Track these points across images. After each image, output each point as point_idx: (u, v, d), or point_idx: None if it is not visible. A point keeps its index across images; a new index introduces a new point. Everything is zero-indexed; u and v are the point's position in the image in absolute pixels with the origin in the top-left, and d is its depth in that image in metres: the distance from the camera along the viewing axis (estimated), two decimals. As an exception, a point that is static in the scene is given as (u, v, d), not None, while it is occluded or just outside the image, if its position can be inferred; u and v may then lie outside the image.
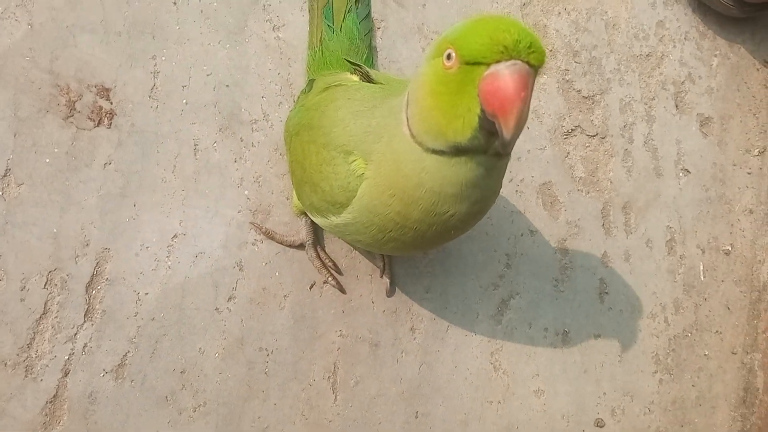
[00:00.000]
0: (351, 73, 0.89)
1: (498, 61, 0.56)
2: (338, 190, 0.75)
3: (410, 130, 0.66)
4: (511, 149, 0.64)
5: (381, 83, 0.84)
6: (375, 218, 0.73)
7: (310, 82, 0.94)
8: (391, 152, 0.69)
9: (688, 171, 1.29)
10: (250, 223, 1.00)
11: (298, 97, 0.98)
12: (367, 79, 0.85)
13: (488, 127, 0.58)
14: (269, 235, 1.00)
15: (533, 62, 0.57)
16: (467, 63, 0.57)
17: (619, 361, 1.18)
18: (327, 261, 1.02)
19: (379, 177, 0.70)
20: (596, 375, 1.16)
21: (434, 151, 0.64)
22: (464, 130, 0.60)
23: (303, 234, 1.00)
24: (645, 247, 1.24)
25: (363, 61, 0.99)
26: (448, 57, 0.59)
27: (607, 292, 1.20)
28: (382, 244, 0.78)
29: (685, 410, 1.21)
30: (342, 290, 1.03)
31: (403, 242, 0.75)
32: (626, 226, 1.23)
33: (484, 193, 0.69)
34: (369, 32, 1.04)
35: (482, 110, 0.58)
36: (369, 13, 1.05)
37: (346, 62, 0.92)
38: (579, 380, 1.15)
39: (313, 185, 0.79)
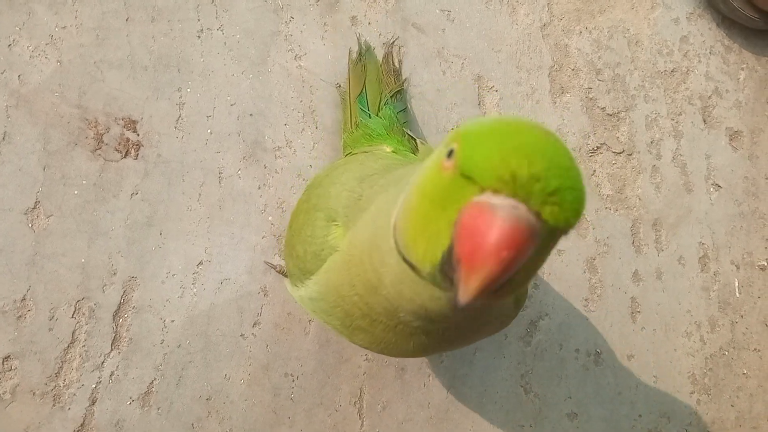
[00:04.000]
0: (387, 145, 0.80)
1: (496, 191, 0.37)
2: (310, 256, 0.62)
3: (395, 220, 0.47)
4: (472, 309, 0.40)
5: (418, 156, 0.74)
6: (339, 300, 0.57)
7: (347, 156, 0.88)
8: (370, 229, 0.52)
9: (719, 186, 1.20)
10: (265, 262, 0.95)
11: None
12: (413, 150, 0.78)
13: (448, 271, 0.40)
14: (283, 273, 0.95)
15: (547, 217, 0.37)
16: (462, 174, 0.39)
17: (654, 381, 1.09)
18: None
19: (350, 251, 0.55)
20: (631, 396, 1.07)
21: (405, 260, 0.45)
22: (423, 258, 0.42)
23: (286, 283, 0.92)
24: (677, 264, 1.15)
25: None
26: (449, 154, 0.40)
27: (639, 311, 1.11)
28: (351, 333, 0.60)
29: (724, 431, 1.10)
30: None
31: (374, 337, 0.57)
32: (657, 244, 1.14)
33: (449, 342, 0.54)
34: (406, 123, 0.97)
35: (450, 246, 0.39)
36: (405, 108, 1.00)
37: (402, 130, 0.85)
38: (613, 402, 1.06)
39: (291, 248, 0.68)
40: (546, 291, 1.07)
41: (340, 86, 1.02)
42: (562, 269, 1.08)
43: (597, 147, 1.15)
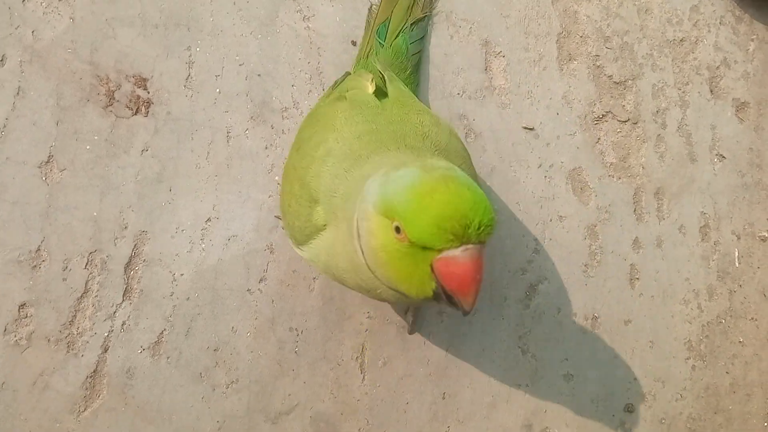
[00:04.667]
0: (371, 82, 0.82)
1: (450, 248, 0.54)
2: (297, 230, 0.72)
3: (364, 257, 0.61)
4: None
5: (390, 106, 0.78)
6: (329, 268, 0.71)
7: (346, 74, 0.90)
8: (346, 235, 0.64)
9: (723, 156, 1.21)
10: (276, 216, 0.98)
11: (328, 88, 0.92)
12: (383, 91, 0.80)
13: (445, 297, 0.57)
14: None
15: (483, 240, 0.54)
16: (418, 245, 0.55)
17: (651, 347, 1.11)
18: None
19: (338, 246, 0.67)
20: (626, 360, 1.09)
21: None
22: (418, 294, 0.58)
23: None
24: (678, 233, 1.16)
25: (405, 78, 0.94)
26: (397, 230, 0.55)
27: (638, 278, 1.13)
28: (351, 288, 0.74)
29: (718, 397, 1.13)
30: None
31: (365, 294, 0.72)
32: (659, 212, 1.16)
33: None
34: (418, 53, 1.00)
35: (438, 284, 0.56)
36: (423, 37, 1.02)
37: (373, 66, 0.87)
38: (609, 365, 1.09)
39: (283, 212, 0.78)
40: (546, 256, 1.09)
41: (354, 43, 1.03)
42: (563, 235, 1.10)
43: (602, 115, 1.16)
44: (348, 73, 0.91)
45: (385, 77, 0.82)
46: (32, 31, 0.94)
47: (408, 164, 0.58)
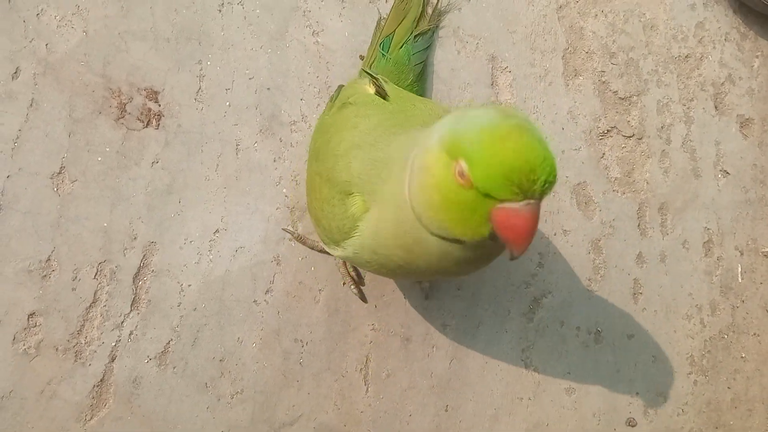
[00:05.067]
0: (369, 84, 0.85)
1: (512, 200, 0.53)
2: (335, 230, 0.73)
3: (411, 203, 0.61)
4: None
5: (394, 100, 0.80)
6: (376, 257, 0.70)
7: (339, 88, 0.91)
8: (393, 207, 0.65)
9: (727, 172, 1.21)
10: (283, 229, 0.99)
11: (327, 104, 0.94)
12: (383, 92, 0.82)
13: (496, 238, 0.57)
14: (301, 240, 0.99)
15: (544, 196, 0.54)
16: (481, 192, 0.54)
17: (653, 361, 1.12)
18: (351, 270, 1.00)
19: (382, 223, 0.67)
20: (629, 375, 1.10)
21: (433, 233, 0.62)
22: (472, 236, 0.58)
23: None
24: (681, 248, 1.17)
25: (406, 87, 0.95)
26: (461, 174, 0.54)
27: (641, 293, 1.13)
28: (391, 274, 0.75)
29: (720, 412, 1.13)
30: (363, 299, 1.00)
31: (411, 274, 0.72)
32: (662, 227, 1.17)
33: (486, 261, 0.68)
34: (420, 64, 1.01)
35: (492, 230, 0.56)
36: (426, 48, 1.03)
37: (365, 72, 0.89)
38: (611, 379, 1.09)
39: (317, 219, 0.78)
40: (550, 270, 1.10)
41: (362, 57, 1.05)
42: (567, 249, 1.11)
43: (607, 130, 1.17)
44: (341, 86, 0.92)
45: (380, 80, 0.84)
46: (46, 44, 0.95)
47: (485, 106, 0.58)
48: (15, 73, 0.94)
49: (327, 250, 0.81)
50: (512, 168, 0.52)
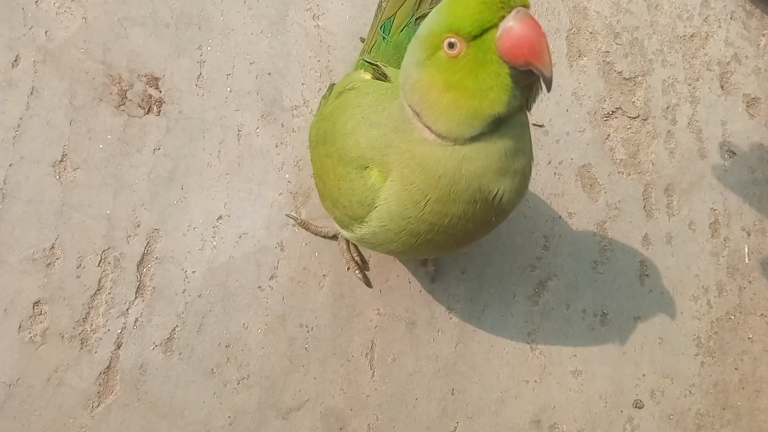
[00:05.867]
0: (364, 71, 0.85)
1: (503, 17, 0.54)
2: (357, 205, 0.72)
3: (435, 133, 0.61)
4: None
5: (394, 79, 0.80)
6: (405, 223, 0.69)
7: (330, 86, 0.91)
8: (414, 161, 0.64)
9: (733, 153, 1.21)
10: (286, 215, 0.99)
11: (320, 102, 0.94)
12: (383, 76, 0.81)
13: (522, 80, 0.56)
14: (304, 226, 0.99)
15: (527, 4, 0.55)
16: (474, 37, 0.55)
17: (660, 343, 1.12)
18: (355, 255, 0.99)
19: (406, 184, 0.66)
20: (635, 357, 1.10)
21: (471, 139, 0.60)
22: (500, 96, 0.57)
23: (336, 226, 0.98)
24: (688, 229, 1.16)
25: None
26: (450, 45, 0.56)
27: (647, 275, 1.13)
28: (415, 248, 0.73)
29: (727, 393, 1.13)
30: (368, 284, 1.00)
31: (437, 243, 0.71)
32: (668, 209, 1.16)
33: (526, 158, 0.65)
34: None
35: (510, 68, 0.55)
36: None
37: (363, 62, 0.89)
38: (618, 362, 1.09)
39: (334, 200, 0.77)
40: (555, 252, 1.09)
41: (363, 40, 1.04)
42: (572, 232, 1.10)
43: (612, 111, 1.16)
44: (333, 85, 0.92)
45: (379, 65, 0.83)
46: (45, 32, 0.95)
47: None
48: (15, 61, 0.93)
49: (344, 233, 0.81)
50: None
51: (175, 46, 0.99)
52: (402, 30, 0.97)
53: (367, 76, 0.84)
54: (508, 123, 0.60)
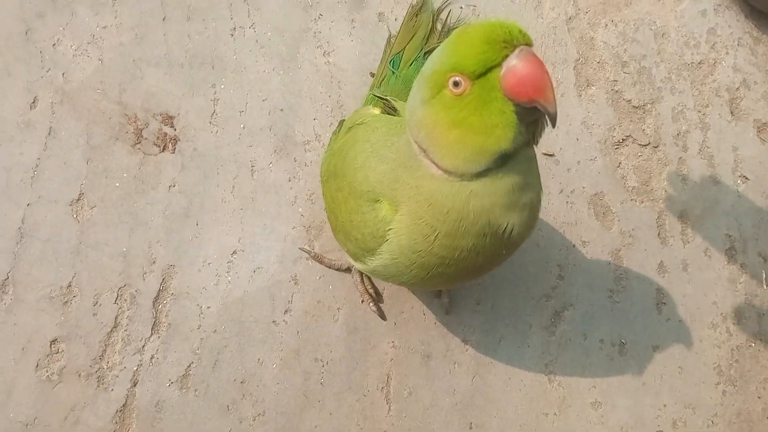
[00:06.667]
0: (374, 107, 0.86)
1: (506, 56, 0.55)
2: (369, 238, 0.72)
3: (442, 169, 0.62)
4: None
5: (402, 113, 0.81)
6: (416, 256, 0.69)
7: (340, 123, 0.93)
8: (422, 196, 0.65)
9: (746, 178, 1.21)
10: (300, 248, 1.00)
11: (330, 138, 0.95)
12: (393, 110, 0.83)
13: (527, 116, 0.57)
14: (318, 259, 0.99)
15: (530, 42, 0.56)
16: (479, 76, 0.56)
17: (680, 372, 1.10)
18: (369, 287, 1.00)
19: (415, 219, 0.67)
20: (656, 387, 1.09)
21: (478, 174, 0.61)
22: (506, 132, 0.57)
23: (349, 259, 0.98)
24: (703, 256, 1.16)
25: None
26: (455, 84, 0.57)
27: (664, 303, 1.12)
28: (426, 281, 0.73)
29: (751, 423, 1.11)
30: (382, 316, 1.00)
31: (448, 275, 0.71)
32: (683, 235, 1.16)
33: (534, 191, 0.66)
34: None
35: (515, 105, 0.56)
36: None
37: (374, 96, 0.90)
38: (638, 392, 1.08)
39: (346, 233, 0.77)
40: (571, 282, 1.09)
41: (373, 75, 1.06)
42: (587, 261, 1.10)
43: (623, 139, 1.17)
44: (342, 121, 0.94)
45: (389, 100, 0.85)
46: (63, 73, 0.97)
47: None
48: (33, 102, 0.96)
49: (356, 266, 0.81)
50: (485, 32, 0.55)
51: (189, 85, 1.01)
52: (411, 64, 0.99)
53: (377, 110, 0.86)
54: (515, 158, 0.61)
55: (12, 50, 0.98)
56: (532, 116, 0.57)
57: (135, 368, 0.92)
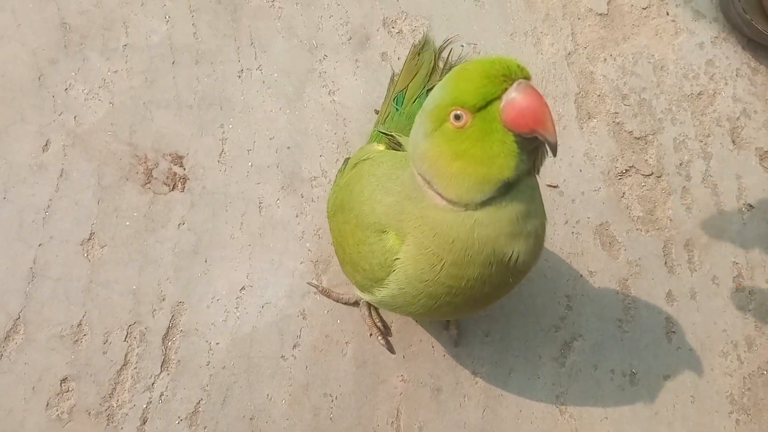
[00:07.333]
0: (378, 143, 0.89)
1: (505, 90, 0.57)
2: (377, 267, 0.74)
3: (446, 199, 0.64)
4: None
5: (407, 149, 0.83)
6: (423, 286, 0.70)
7: (345, 160, 0.95)
8: (428, 226, 0.66)
9: (751, 206, 1.21)
10: (308, 283, 1.01)
11: (336, 175, 0.97)
12: (397, 145, 0.85)
13: (528, 145, 0.59)
14: (326, 293, 1.00)
15: (528, 76, 0.58)
16: (479, 109, 0.58)
17: (692, 401, 1.09)
18: (377, 321, 1.01)
19: (422, 249, 0.68)
20: (668, 417, 1.08)
21: (482, 204, 0.62)
22: (508, 161, 0.59)
23: (357, 293, 0.99)
24: (711, 283, 1.16)
25: None
26: (457, 117, 0.59)
27: (674, 331, 1.12)
28: (434, 311, 0.74)
29: (768, 453, 1.10)
30: (391, 350, 1.01)
31: (456, 305, 0.72)
32: (690, 264, 1.16)
33: (538, 219, 0.67)
34: None
35: (516, 135, 0.58)
36: None
37: (379, 133, 0.92)
38: (650, 422, 1.07)
39: (354, 265, 0.79)
40: (579, 312, 1.09)
41: (377, 112, 1.08)
42: (595, 291, 1.11)
43: (626, 170, 1.18)
44: (347, 158, 0.96)
45: (393, 135, 0.87)
46: (74, 117, 1.00)
47: None
48: (45, 145, 0.99)
49: (364, 297, 0.82)
50: (484, 67, 0.57)
51: (198, 125, 1.04)
52: (414, 101, 1.01)
53: (381, 146, 0.88)
54: (518, 187, 0.62)
55: (25, 96, 1.02)
56: (533, 144, 0.59)
57: (144, 406, 0.92)
